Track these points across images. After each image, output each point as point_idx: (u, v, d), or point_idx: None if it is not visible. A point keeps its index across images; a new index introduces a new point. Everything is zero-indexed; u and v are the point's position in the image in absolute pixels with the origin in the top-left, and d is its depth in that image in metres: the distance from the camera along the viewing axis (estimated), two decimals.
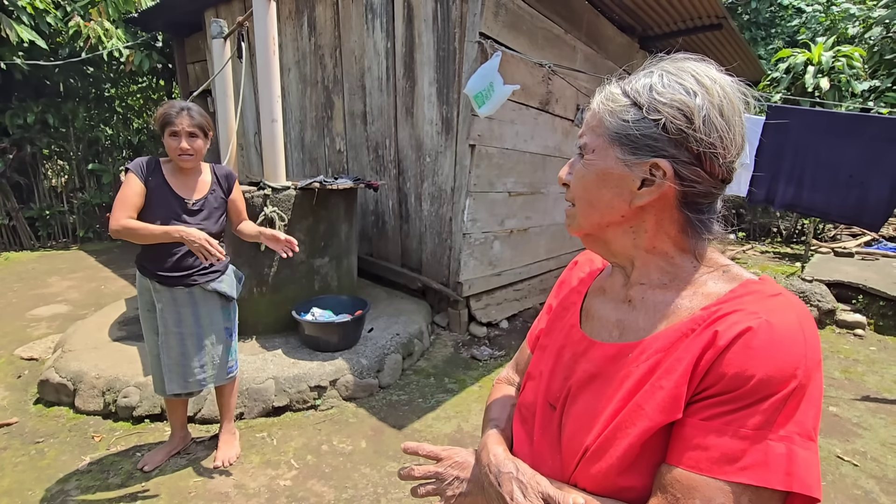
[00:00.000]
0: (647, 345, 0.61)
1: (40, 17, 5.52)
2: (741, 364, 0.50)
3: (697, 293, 0.61)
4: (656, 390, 0.56)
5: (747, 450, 0.49)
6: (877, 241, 7.24)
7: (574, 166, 0.69)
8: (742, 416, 0.50)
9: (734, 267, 0.64)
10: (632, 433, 0.56)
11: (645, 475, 0.57)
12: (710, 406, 0.52)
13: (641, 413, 0.56)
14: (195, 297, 1.98)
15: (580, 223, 0.68)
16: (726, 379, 0.51)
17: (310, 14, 4.38)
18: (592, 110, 0.66)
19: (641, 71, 0.64)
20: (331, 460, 2.24)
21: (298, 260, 3.17)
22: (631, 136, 0.61)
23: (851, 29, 8.47)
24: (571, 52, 4.15)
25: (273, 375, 2.63)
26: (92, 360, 2.73)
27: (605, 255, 0.71)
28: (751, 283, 0.60)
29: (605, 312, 0.70)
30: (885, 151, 2.71)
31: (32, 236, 6.64)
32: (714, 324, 0.55)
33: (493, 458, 0.68)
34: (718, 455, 0.50)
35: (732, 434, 0.50)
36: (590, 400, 0.64)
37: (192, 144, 1.87)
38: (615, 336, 0.67)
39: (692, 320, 0.58)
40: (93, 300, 4.40)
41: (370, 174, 4.23)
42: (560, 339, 0.75)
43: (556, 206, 4.58)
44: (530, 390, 0.77)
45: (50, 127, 6.37)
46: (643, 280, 0.66)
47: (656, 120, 0.59)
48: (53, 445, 2.30)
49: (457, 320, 3.82)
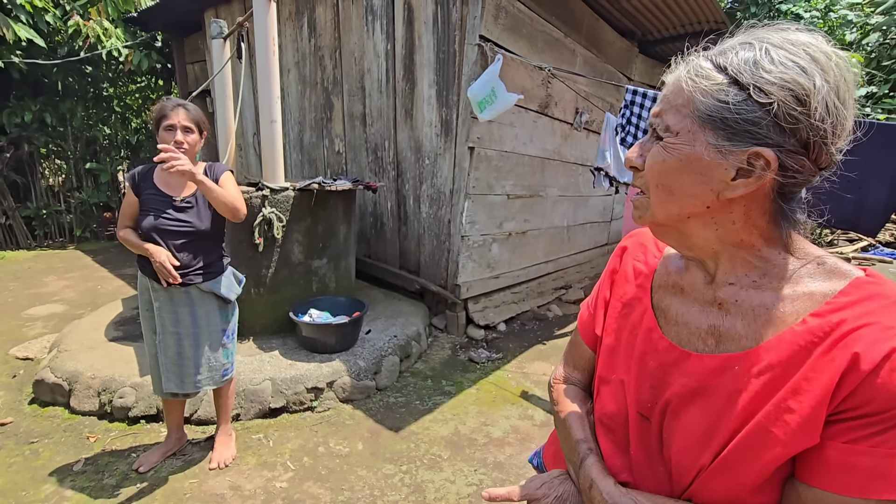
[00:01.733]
0: (757, 357, 0.56)
1: (39, 15, 5.50)
2: (891, 388, 0.47)
3: (799, 294, 0.56)
4: (784, 412, 0.52)
5: (892, 467, 0.48)
6: (874, 247, 7.28)
7: (646, 148, 0.61)
8: (890, 436, 0.48)
9: (828, 257, 0.58)
10: (764, 458, 0.53)
11: (773, 493, 0.56)
12: (856, 429, 0.50)
13: (770, 437, 0.53)
14: (192, 298, 1.98)
15: (654, 214, 0.61)
16: (875, 403, 0.48)
17: (310, 15, 4.38)
18: (675, 86, 0.58)
19: (733, 40, 0.56)
20: (327, 462, 2.23)
21: (296, 261, 3.17)
22: (729, 121, 0.53)
23: (849, 35, 8.53)
24: (571, 55, 4.16)
25: (270, 377, 2.62)
26: (88, 360, 2.72)
27: (681, 248, 0.64)
28: (862, 282, 0.54)
29: (691, 317, 0.64)
30: (882, 157, 2.72)
31: (29, 235, 6.61)
32: (843, 340, 0.51)
33: (606, 496, 0.63)
34: (867, 475, 0.49)
35: (881, 455, 0.49)
36: (697, 416, 0.59)
37: (186, 138, 1.86)
38: (711, 346, 0.61)
39: (809, 331, 0.53)
40: (89, 300, 4.38)
41: (369, 176, 4.23)
42: (638, 345, 0.69)
43: (555, 209, 4.58)
44: (609, 398, 0.72)
45: (47, 126, 6.35)
46: (731, 279, 0.60)
47: (764, 104, 0.51)
48: (48, 446, 2.29)
49: (454, 323, 3.81)
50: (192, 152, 1.91)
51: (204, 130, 1.97)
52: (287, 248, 3.09)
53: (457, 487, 2.11)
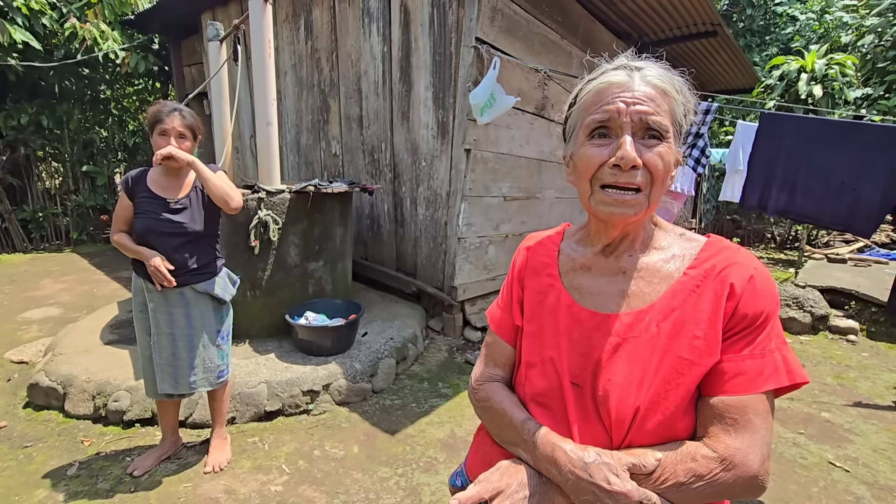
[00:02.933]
0: (660, 306, 0.70)
1: (35, 18, 5.50)
2: (754, 304, 0.66)
3: (673, 255, 0.74)
4: (693, 339, 0.67)
5: (766, 364, 0.65)
6: (869, 248, 7.30)
7: (645, 148, 0.67)
8: (758, 341, 0.66)
9: (677, 229, 0.78)
10: (684, 381, 0.66)
11: (692, 412, 0.69)
12: (738, 341, 0.66)
13: (686, 362, 0.66)
14: (187, 299, 1.97)
15: (650, 207, 0.70)
16: (747, 318, 0.66)
17: (306, 17, 4.39)
18: (658, 90, 0.68)
19: (650, 62, 0.71)
20: (323, 465, 2.23)
21: (293, 263, 3.16)
22: (681, 127, 0.71)
23: (844, 37, 8.57)
24: (567, 57, 4.17)
25: (266, 379, 2.61)
26: (83, 363, 2.71)
27: (616, 232, 0.75)
28: (713, 241, 0.74)
29: (603, 287, 0.76)
30: (876, 158, 2.73)
31: (25, 238, 6.60)
32: (719, 275, 0.68)
33: (571, 454, 0.68)
34: (753, 376, 0.65)
35: (755, 357, 0.65)
36: (624, 366, 0.70)
37: (180, 145, 1.87)
38: (623, 305, 0.73)
39: (691, 279, 0.70)
40: (85, 303, 4.37)
41: (366, 178, 4.23)
42: (561, 322, 0.78)
43: (552, 210, 4.58)
44: (539, 377, 0.79)
45: (44, 128, 6.34)
46: (630, 252, 0.75)
47: (685, 114, 0.70)
48: (42, 450, 2.27)
49: (451, 325, 3.81)
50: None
51: (198, 135, 1.97)
52: (283, 250, 3.09)
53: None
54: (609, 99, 0.68)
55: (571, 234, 0.88)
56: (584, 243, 0.82)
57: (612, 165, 0.67)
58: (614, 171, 0.67)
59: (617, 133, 0.68)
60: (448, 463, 2.28)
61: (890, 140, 2.71)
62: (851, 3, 8.73)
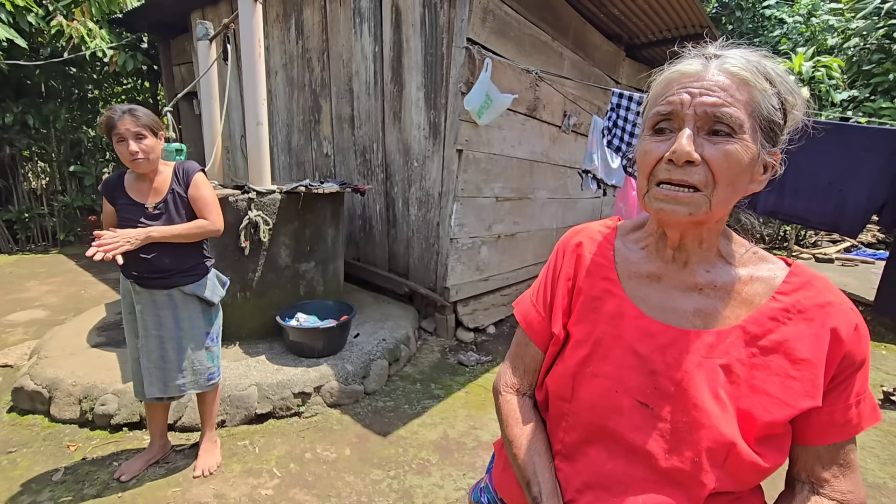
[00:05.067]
0: (744, 330, 0.65)
1: (20, 15, 5.40)
2: (860, 352, 0.64)
3: (753, 278, 0.68)
4: (787, 378, 0.62)
5: (866, 407, 0.65)
6: (856, 248, 7.40)
7: (705, 143, 0.60)
8: (859, 386, 0.64)
9: (751, 246, 0.72)
10: (772, 420, 0.61)
11: (780, 452, 0.65)
12: (845, 389, 0.64)
13: (777, 401, 0.62)
14: (175, 301, 1.95)
15: (713, 209, 0.61)
16: (854, 365, 0.63)
17: (297, 17, 4.36)
18: (736, 79, 0.59)
19: (741, 49, 0.62)
20: (314, 468, 2.21)
21: (283, 264, 3.13)
22: (773, 123, 0.61)
23: (831, 40, 8.69)
24: (559, 58, 4.18)
25: (256, 382, 2.58)
26: (69, 366, 2.66)
27: (678, 241, 0.69)
28: (799, 268, 0.67)
29: (676, 302, 0.69)
30: (862, 160, 2.77)
31: (10, 239, 6.48)
32: (818, 316, 0.63)
33: None
34: (858, 420, 0.64)
35: (860, 403, 0.64)
36: (708, 392, 0.64)
37: (140, 146, 1.77)
38: (699, 325, 0.67)
39: (779, 311, 0.65)
40: (72, 305, 4.30)
41: (357, 178, 4.21)
42: (624, 333, 0.70)
43: (544, 211, 4.59)
44: (591, 392, 0.71)
45: (30, 128, 6.23)
46: (706, 267, 0.69)
47: (785, 111, 0.61)
48: (27, 455, 2.23)
49: (444, 325, 3.80)
50: (153, 157, 1.82)
51: (158, 131, 1.85)
52: (274, 251, 3.06)
53: (445, 492, 2.09)
54: (675, 90, 0.61)
55: (626, 232, 0.79)
56: (647, 247, 0.74)
57: (667, 160, 0.61)
58: (669, 167, 0.61)
59: (679, 126, 0.61)
60: (441, 465, 2.27)
61: (875, 141, 2.75)
62: (837, 7, 8.85)
